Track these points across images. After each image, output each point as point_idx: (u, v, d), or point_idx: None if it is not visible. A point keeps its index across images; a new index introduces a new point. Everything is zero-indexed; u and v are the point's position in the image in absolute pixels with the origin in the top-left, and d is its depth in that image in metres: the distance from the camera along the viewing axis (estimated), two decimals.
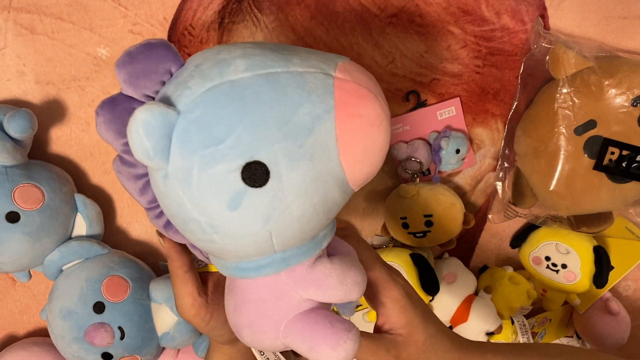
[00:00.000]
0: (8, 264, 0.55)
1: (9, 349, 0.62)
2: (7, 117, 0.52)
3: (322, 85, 0.29)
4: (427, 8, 0.57)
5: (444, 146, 0.60)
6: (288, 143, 0.28)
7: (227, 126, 0.28)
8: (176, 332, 0.57)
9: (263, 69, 0.29)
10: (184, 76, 0.30)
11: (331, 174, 0.30)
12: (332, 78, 0.29)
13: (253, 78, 0.29)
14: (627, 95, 0.53)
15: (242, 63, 0.29)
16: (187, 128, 0.28)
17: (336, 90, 0.29)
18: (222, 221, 0.30)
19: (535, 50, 0.57)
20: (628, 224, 0.66)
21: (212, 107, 0.28)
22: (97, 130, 0.33)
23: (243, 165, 0.28)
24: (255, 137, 0.28)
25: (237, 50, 0.30)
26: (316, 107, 0.29)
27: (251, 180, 0.28)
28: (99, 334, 0.54)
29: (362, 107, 0.29)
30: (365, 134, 0.29)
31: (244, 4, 0.56)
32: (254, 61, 0.29)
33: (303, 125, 0.29)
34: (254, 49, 0.30)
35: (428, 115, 0.61)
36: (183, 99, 0.29)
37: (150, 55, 0.31)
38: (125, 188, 0.34)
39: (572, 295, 0.70)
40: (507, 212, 0.65)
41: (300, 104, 0.29)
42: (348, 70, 0.30)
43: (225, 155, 0.28)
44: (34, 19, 0.55)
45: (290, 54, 0.30)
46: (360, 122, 0.29)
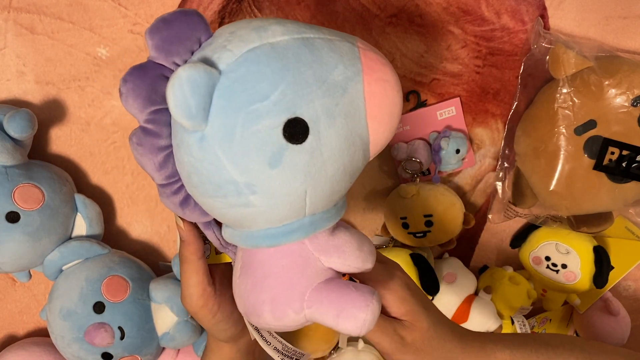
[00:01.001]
0: (8, 264, 0.55)
1: (9, 349, 0.62)
2: (7, 117, 0.52)
3: (350, 51, 0.31)
4: (427, 8, 0.57)
5: (444, 146, 0.60)
6: (326, 100, 0.30)
7: (272, 83, 0.29)
8: (176, 332, 0.57)
9: (298, 34, 0.31)
10: (219, 42, 0.31)
11: (359, 135, 0.32)
12: (357, 47, 0.32)
13: (291, 41, 0.30)
14: (627, 95, 0.53)
15: (278, 28, 0.31)
16: (231, 86, 0.29)
17: (362, 56, 0.31)
18: (262, 180, 0.30)
19: (535, 50, 0.57)
20: (628, 224, 0.66)
21: (255, 65, 0.29)
22: (122, 99, 0.32)
23: (285, 122, 0.29)
24: (298, 93, 0.29)
25: (270, 19, 0.32)
26: (348, 69, 0.31)
27: (292, 136, 0.29)
28: (99, 334, 0.54)
29: (385, 73, 0.32)
30: (389, 97, 0.32)
31: (244, 4, 0.56)
32: (289, 27, 0.31)
33: (338, 84, 0.30)
34: (283, 20, 0.32)
35: (428, 115, 0.61)
36: (224, 60, 0.30)
37: (186, 21, 0.31)
38: (142, 164, 0.33)
39: (572, 295, 0.70)
40: (507, 212, 0.65)
41: (335, 66, 0.30)
42: (366, 45, 0.33)
43: (269, 111, 0.29)
44: (34, 19, 0.55)
45: (317, 29, 0.32)
46: (384, 86, 0.31)
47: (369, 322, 0.31)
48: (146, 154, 0.33)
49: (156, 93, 0.31)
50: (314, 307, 0.32)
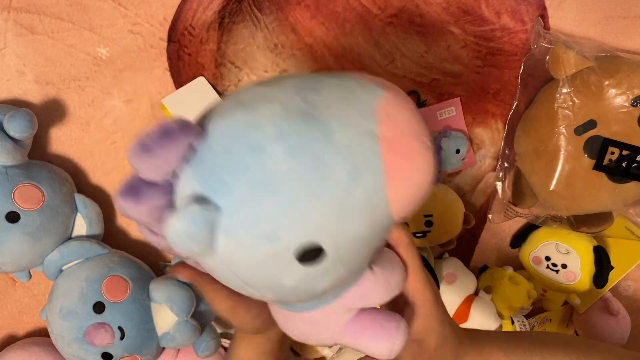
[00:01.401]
0: (8, 264, 0.55)
1: (9, 349, 0.62)
2: (7, 117, 0.52)
3: (370, 154, 0.27)
4: (427, 8, 0.57)
5: (444, 146, 0.60)
6: (342, 225, 0.27)
7: (277, 219, 0.27)
8: (176, 332, 0.57)
9: (304, 152, 0.26)
10: (215, 162, 0.27)
11: (381, 225, 0.30)
12: (377, 138, 0.27)
13: (296, 166, 0.26)
14: (627, 95, 0.53)
15: (279, 149, 0.26)
16: (235, 227, 0.27)
17: (384, 155, 0.27)
18: (277, 292, 0.30)
19: (535, 50, 0.57)
20: (628, 224, 0.66)
21: (258, 206, 0.26)
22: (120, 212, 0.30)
23: (297, 249, 0.27)
24: (307, 226, 0.27)
25: (267, 125, 0.27)
26: (369, 184, 0.27)
27: (306, 261, 0.28)
28: (99, 334, 0.54)
29: (412, 165, 0.28)
30: (415, 185, 0.29)
31: (244, 4, 0.56)
32: (291, 143, 0.26)
33: (356, 204, 0.27)
34: (286, 122, 0.27)
35: (428, 115, 0.61)
36: (223, 197, 0.27)
37: (168, 146, 0.27)
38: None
39: (572, 295, 0.70)
40: (507, 212, 0.65)
41: (352, 186, 0.27)
42: (389, 115, 0.28)
43: (278, 247, 0.27)
44: (34, 19, 0.55)
45: (325, 116, 0.27)
46: (410, 178, 0.28)
47: (396, 349, 0.33)
48: (150, 236, 0.32)
49: (156, 209, 0.28)
50: (343, 342, 0.34)
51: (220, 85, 0.59)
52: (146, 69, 0.58)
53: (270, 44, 0.58)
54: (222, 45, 0.58)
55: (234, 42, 0.57)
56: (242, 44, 0.58)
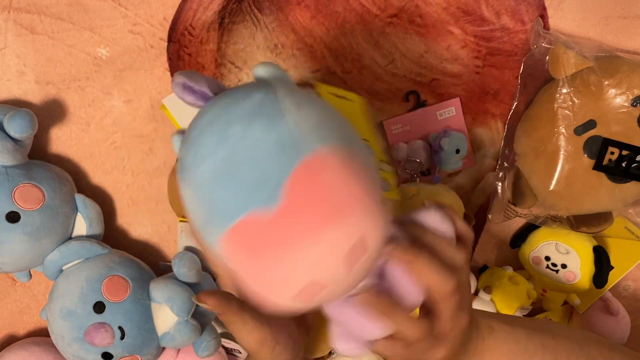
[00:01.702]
0: (8, 264, 0.55)
1: (9, 349, 0.62)
2: (7, 117, 0.52)
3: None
4: (427, 8, 0.57)
5: (444, 146, 0.60)
6: None
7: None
8: (176, 332, 0.57)
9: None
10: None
11: None
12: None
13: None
14: (627, 95, 0.53)
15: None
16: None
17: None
18: None
19: (535, 50, 0.57)
20: (628, 224, 0.66)
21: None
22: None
23: None
24: None
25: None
26: None
27: None
28: (99, 334, 0.54)
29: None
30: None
31: (244, 4, 0.56)
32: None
33: None
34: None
35: (428, 115, 0.61)
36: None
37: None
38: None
39: (572, 295, 0.70)
40: (507, 212, 0.65)
41: None
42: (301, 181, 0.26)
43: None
44: (34, 19, 0.55)
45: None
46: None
47: None
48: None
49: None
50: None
51: None
52: (146, 69, 0.58)
53: (270, 44, 0.58)
54: (222, 46, 0.58)
55: (234, 42, 0.57)
56: (242, 44, 0.58)
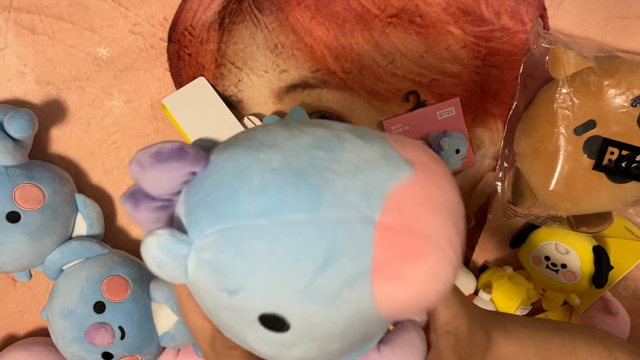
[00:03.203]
0: (8, 264, 0.55)
1: (9, 349, 0.62)
2: (8, 117, 0.52)
3: (358, 241, 0.23)
4: (427, 8, 0.57)
5: (444, 146, 0.60)
6: (310, 305, 0.24)
7: (238, 280, 0.24)
8: (176, 331, 0.57)
9: (282, 215, 0.23)
10: (200, 197, 0.26)
11: (368, 320, 0.26)
12: (373, 226, 0.23)
13: (269, 227, 0.23)
14: (627, 96, 0.53)
15: (256, 204, 0.24)
16: (200, 265, 0.25)
17: (376, 247, 0.23)
18: (246, 347, 0.28)
19: (535, 50, 0.57)
20: (628, 224, 0.66)
21: (222, 254, 0.24)
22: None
23: (260, 316, 0.25)
24: (270, 296, 0.24)
25: (255, 174, 0.24)
26: (346, 271, 0.23)
27: (271, 327, 0.25)
28: (99, 334, 0.54)
29: (408, 268, 0.23)
30: (410, 288, 0.23)
31: (244, 4, 0.56)
32: (271, 201, 0.24)
33: (329, 289, 0.24)
34: (274, 176, 0.24)
35: (428, 115, 0.61)
36: (194, 231, 0.25)
37: (163, 170, 0.26)
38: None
39: (572, 295, 0.70)
40: (507, 212, 0.65)
41: (326, 266, 0.23)
42: (400, 204, 0.23)
43: (239, 305, 0.25)
44: (34, 19, 0.55)
45: (322, 182, 0.24)
46: (406, 282, 0.23)
47: None
48: (142, 213, 0.30)
49: (152, 221, 0.28)
50: None
51: (221, 85, 0.59)
52: (146, 69, 0.58)
53: (270, 44, 0.58)
54: (222, 46, 0.58)
55: (234, 43, 0.58)
56: (242, 44, 0.58)
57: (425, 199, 0.24)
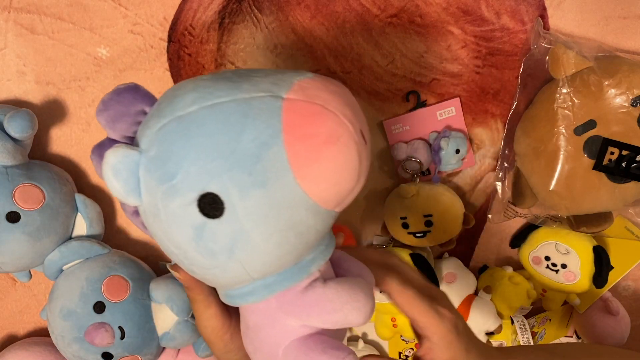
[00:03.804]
0: (8, 264, 0.55)
1: (9, 349, 0.62)
2: (8, 117, 0.52)
3: (269, 109, 0.28)
4: (427, 8, 0.57)
5: (444, 146, 0.60)
6: (235, 172, 0.28)
7: (176, 162, 0.28)
8: (176, 331, 0.57)
9: (209, 101, 0.29)
10: (148, 115, 0.31)
11: (292, 199, 0.29)
12: (282, 100, 0.28)
13: (199, 111, 0.29)
14: (627, 95, 0.53)
15: (190, 97, 0.29)
16: (148, 166, 0.29)
17: (284, 112, 0.28)
18: (192, 253, 0.30)
19: (535, 50, 0.57)
20: (628, 224, 0.66)
21: (163, 144, 0.29)
22: (96, 172, 0.35)
23: (197, 198, 0.28)
24: (202, 169, 0.28)
25: (190, 84, 0.30)
26: (261, 133, 0.28)
27: (207, 211, 0.28)
28: (99, 334, 0.54)
29: (312, 126, 0.28)
30: (320, 154, 0.28)
31: (244, 4, 0.56)
32: (201, 93, 0.29)
33: (249, 152, 0.28)
34: (206, 81, 0.30)
35: (428, 115, 0.61)
36: (144, 138, 0.30)
37: (120, 100, 0.32)
38: (133, 223, 0.35)
39: (572, 295, 0.70)
40: (507, 212, 0.65)
41: (243, 132, 0.28)
42: (304, 88, 0.29)
43: (178, 189, 0.28)
44: (34, 19, 0.55)
45: (242, 80, 0.30)
46: (311, 142, 0.28)
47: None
48: (130, 216, 0.34)
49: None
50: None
51: None
52: (146, 69, 0.58)
53: (270, 44, 0.58)
54: (222, 46, 0.58)
55: (234, 42, 0.58)
56: (242, 44, 0.58)
57: (324, 88, 0.29)
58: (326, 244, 0.34)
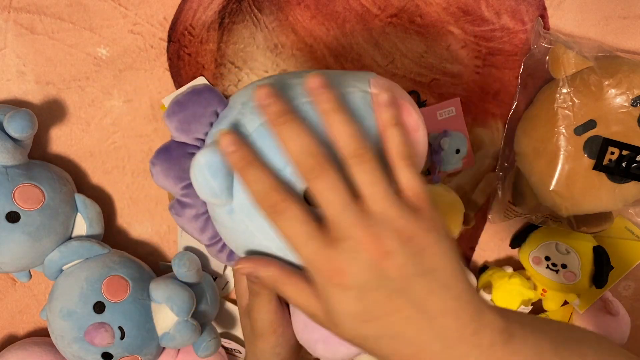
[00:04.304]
0: (8, 264, 0.55)
1: (9, 349, 0.62)
2: (7, 117, 0.52)
3: (362, 102, 0.31)
4: (427, 8, 0.57)
5: (444, 146, 0.60)
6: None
7: (284, 158, 0.29)
8: (176, 332, 0.57)
9: (297, 100, 0.30)
10: (234, 115, 0.32)
11: None
12: (369, 94, 0.32)
13: (301, 106, 0.30)
14: (627, 95, 0.53)
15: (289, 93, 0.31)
16: None
17: (374, 105, 0.32)
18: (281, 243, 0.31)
19: (535, 50, 0.57)
20: (628, 224, 0.66)
21: (268, 140, 0.30)
22: (154, 179, 0.34)
23: (304, 192, 0.29)
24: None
25: (266, 79, 0.32)
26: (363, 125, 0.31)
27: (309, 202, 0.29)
28: (99, 334, 0.54)
29: (403, 114, 0.32)
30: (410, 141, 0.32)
31: (244, 4, 0.56)
32: (298, 90, 0.31)
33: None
34: (295, 79, 0.32)
35: (428, 115, 0.61)
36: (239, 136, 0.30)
37: (199, 101, 0.32)
38: (185, 229, 0.35)
39: (572, 295, 0.70)
40: (507, 212, 0.65)
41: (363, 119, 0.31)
42: (379, 84, 0.33)
43: (287, 182, 0.29)
44: (34, 19, 0.55)
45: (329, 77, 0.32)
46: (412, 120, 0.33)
47: None
48: (186, 222, 0.34)
49: (184, 170, 0.32)
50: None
51: (220, 85, 0.59)
52: (146, 69, 0.58)
53: (270, 44, 0.58)
54: (222, 45, 0.58)
55: (234, 42, 0.58)
56: (242, 44, 0.58)
57: (389, 84, 0.34)
58: None
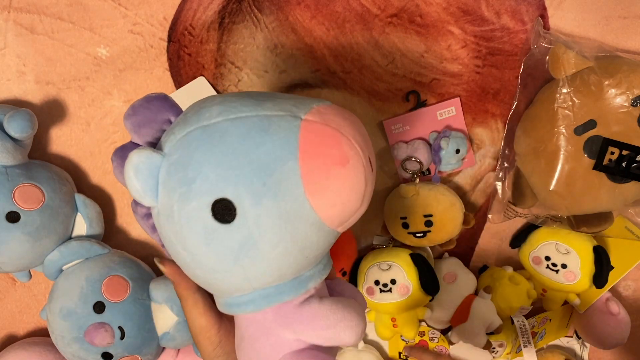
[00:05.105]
0: (8, 264, 0.55)
1: (9, 349, 0.62)
2: (7, 117, 0.52)
3: (288, 127, 0.30)
4: (427, 8, 0.57)
5: (444, 146, 0.60)
6: (251, 181, 0.30)
7: (197, 167, 0.30)
8: (176, 332, 0.57)
9: (233, 114, 0.31)
10: (174, 123, 0.33)
11: (300, 213, 0.30)
12: (300, 120, 0.30)
13: (223, 122, 0.31)
14: (627, 95, 0.53)
15: (216, 109, 0.31)
16: (169, 169, 0.31)
17: (301, 131, 0.30)
18: (200, 256, 0.31)
19: (535, 50, 0.57)
20: (628, 224, 0.66)
21: (186, 150, 0.31)
22: (114, 174, 0.37)
23: (212, 203, 0.30)
24: (220, 176, 0.30)
25: (217, 98, 0.33)
26: (278, 148, 0.30)
27: (220, 216, 0.30)
28: (99, 334, 0.54)
29: (326, 147, 0.30)
30: (330, 173, 0.30)
31: (244, 4, 0.56)
32: (227, 107, 0.31)
33: (265, 164, 0.30)
34: (232, 97, 0.32)
35: (428, 115, 0.61)
36: (168, 143, 0.32)
37: (149, 107, 0.35)
38: (141, 226, 0.36)
39: (572, 295, 0.70)
40: (507, 212, 0.65)
41: (262, 145, 0.30)
42: (321, 113, 0.31)
43: (196, 193, 0.30)
44: (34, 19, 0.55)
45: (266, 99, 0.32)
46: (324, 161, 0.30)
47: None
48: (140, 220, 0.36)
49: None
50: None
51: (220, 85, 0.59)
52: (146, 69, 0.58)
53: (270, 44, 0.58)
54: (222, 45, 0.58)
55: (234, 42, 0.58)
56: (242, 44, 0.58)
57: (340, 115, 0.31)
58: (324, 263, 0.36)
